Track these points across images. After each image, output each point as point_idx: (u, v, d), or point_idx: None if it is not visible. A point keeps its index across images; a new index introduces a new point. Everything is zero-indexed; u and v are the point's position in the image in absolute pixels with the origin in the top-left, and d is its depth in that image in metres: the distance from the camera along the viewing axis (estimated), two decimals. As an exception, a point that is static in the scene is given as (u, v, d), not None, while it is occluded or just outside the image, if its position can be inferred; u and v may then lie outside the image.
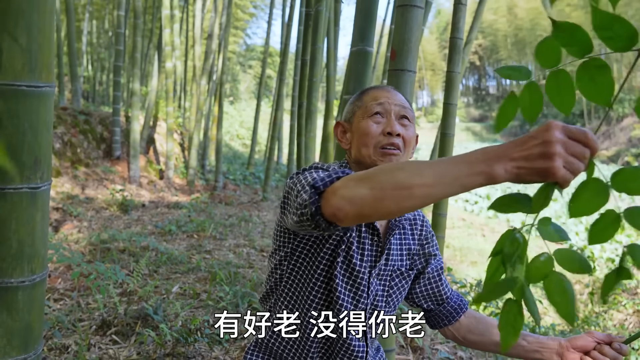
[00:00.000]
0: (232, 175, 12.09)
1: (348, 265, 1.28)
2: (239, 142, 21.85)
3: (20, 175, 1.07)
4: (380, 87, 1.35)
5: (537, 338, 1.34)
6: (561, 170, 0.71)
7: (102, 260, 4.00)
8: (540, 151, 0.73)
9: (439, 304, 1.47)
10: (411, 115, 1.32)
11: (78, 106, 8.99)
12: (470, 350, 3.09)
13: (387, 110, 1.29)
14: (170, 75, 9.84)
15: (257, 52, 36.19)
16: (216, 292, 3.53)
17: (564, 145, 0.72)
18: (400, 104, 1.30)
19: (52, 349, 2.50)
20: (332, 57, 5.52)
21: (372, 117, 1.29)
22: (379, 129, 1.27)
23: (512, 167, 0.76)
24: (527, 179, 0.76)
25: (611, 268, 4.92)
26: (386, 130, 1.26)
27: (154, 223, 5.85)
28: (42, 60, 1.10)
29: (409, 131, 1.30)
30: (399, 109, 1.30)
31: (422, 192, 0.84)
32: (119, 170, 8.36)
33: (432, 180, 0.83)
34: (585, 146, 0.73)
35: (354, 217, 0.94)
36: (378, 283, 1.35)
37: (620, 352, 1.22)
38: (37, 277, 1.13)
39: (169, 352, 2.51)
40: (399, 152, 1.27)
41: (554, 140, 0.73)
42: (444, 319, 1.47)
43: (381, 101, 1.30)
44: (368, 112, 1.30)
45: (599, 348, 1.24)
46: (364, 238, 1.30)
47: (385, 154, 1.26)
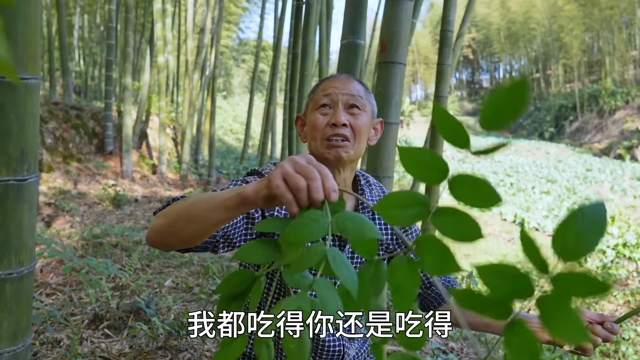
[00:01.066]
0: (225, 169, 12.07)
1: None
2: (232, 136, 21.80)
3: (6, 167, 1.07)
4: (332, 78, 1.33)
5: (528, 317, 1.34)
6: (280, 187, 0.72)
7: (95, 255, 3.99)
8: (269, 178, 0.76)
9: (427, 287, 1.47)
10: (362, 103, 1.29)
11: (70, 101, 8.94)
12: (461, 341, 3.12)
13: (335, 101, 1.27)
14: (163, 69, 9.80)
15: (251, 46, 36.08)
16: (208, 285, 3.54)
17: (283, 171, 0.74)
18: (349, 93, 1.28)
19: (44, 343, 2.50)
20: (325, 51, 5.51)
21: (319, 109, 1.28)
22: (325, 120, 1.27)
23: (255, 189, 0.80)
24: (267, 198, 0.79)
25: (602, 259, 4.96)
26: (331, 122, 1.25)
27: (147, 218, 5.85)
28: (29, 52, 1.09)
29: (359, 120, 1.28)
30: (347, 98, 1.28)
31: (199, 216, 0.92)
32: (112, 165, 8.33)
33: (206, 205, 0.91)
34: (313, 166, 0.74)
35: (156, 243, 1.03)
36: None
37: (611, 331, 1.23)
38: (25, 269, 1.13)
39: (162, 345, 2.52)
40: (347, 142, 1.26)
41: (277, 170, 0.75)
42: (434, 302, 1.47)
43: (328, 92, 1.28)
44: (316, 104, 1.29)
45: (591, 327, 1.24)
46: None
47: (331, 145, 1.25)
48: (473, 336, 3.37)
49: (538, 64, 47.73)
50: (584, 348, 1.24)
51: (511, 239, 11.71)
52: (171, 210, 1.00)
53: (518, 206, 15.12)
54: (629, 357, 5.25)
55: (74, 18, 15.11)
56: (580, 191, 17.86)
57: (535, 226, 12.82)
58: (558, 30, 41.39)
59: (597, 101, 35.55)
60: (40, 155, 6.92)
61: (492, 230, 12.37)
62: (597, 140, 32.87)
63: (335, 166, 1.28)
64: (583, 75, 40.43)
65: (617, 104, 33.79)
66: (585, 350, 1.24)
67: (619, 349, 5.54)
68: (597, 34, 39.35)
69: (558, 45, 42.96)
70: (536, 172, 22.70)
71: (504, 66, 56.66)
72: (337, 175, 1.30)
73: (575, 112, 36.93)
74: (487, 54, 57.01)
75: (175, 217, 0.97)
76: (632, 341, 5.63)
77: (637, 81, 35.51)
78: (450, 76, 3.43)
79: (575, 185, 19.13)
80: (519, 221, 13.27)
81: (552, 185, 19.17)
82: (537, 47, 46.46)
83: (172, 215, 0.98)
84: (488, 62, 60.30)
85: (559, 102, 39.46)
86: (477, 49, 57.37)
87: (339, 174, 1.30)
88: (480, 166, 24.50)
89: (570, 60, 41.53)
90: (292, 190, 0.71)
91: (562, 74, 44.04)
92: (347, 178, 1.32)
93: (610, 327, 1.24)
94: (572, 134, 35.70)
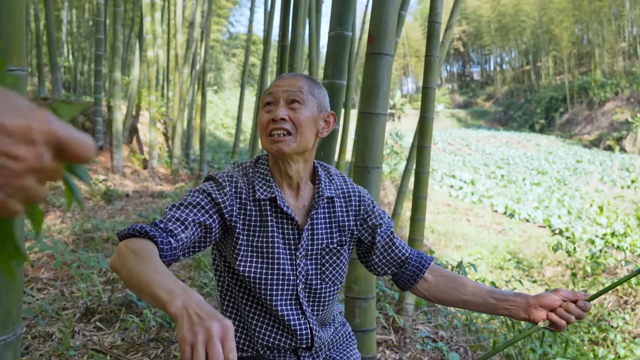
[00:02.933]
0: (217, 164, 12.06)
1: (266, 252, 1.36)
2: (223, 131, 21.74)
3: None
4: (278, 78, 1.41)
5: (505, 295, 1.40)
6: (186, 352, 0.85)
7: (86, 250, 3.99)
8: (182, 336, 0.87)
9: (401, 266, 1.51)
10: (302, 97, 1.35)
11: (59, 96, 8.89)
12: (450, 330, 3.16)
13: (277, 98, 1.34)
14: (152, 64, 9.75)
15: (241, 40, 35.95)
16: (200, 278, 3.55)
17: (193, 341, 0.86)
18: (289, 89, 1.35)
19: (36, 336, 2.51)
20: (315, 44, 5.52)
21: (264, 108, 1.36)
22: (267, 117, 1.33)
23: (177, 318, 0.91)
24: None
25: (591, 249, 5.03)
26: (270, 117, 1.32)
27: (138, 212, 5.84)
28: (14, 43, 1.10)
29: (299, 113, 1.33)
30: (288, 94, 1.34)
31: (138, 290, 1.04)
32: (102, 160, 8.30)
33: (142, 287, 1.02)
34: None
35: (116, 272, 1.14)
36: (308, 262, 1.41)
37: (584, 309, 1.29)
38: (14, 260, 1.14)
39: (153, 337, 2.53)
40: (289, 136, 1.32)
41: (188, 336, 0.87)
42: (410, 279, 1.51)
43: (271, 91, 1.36)
44: (263, 104, 1.37)
45: (565, 305, 1.30)
46: (279, 224, 1.38)
47: (273, 141, 1.32)
48: (463, 326, 3.41)
49: (528, 56, 47.88)
50: (557, 324, 1.29)
51: (502, 230, 11.80)
52: (123, 263, 1.10)
53: (509, 198, 15.22)
54: (618, 344, 5.32)
55: (62, 12, 14.99)
56: (570, 182, 18.00)
57: (526, 217, 12.92)
58: (548, 22, 41.53)
59: (586, 93, 35.75)
60: (29, 150, 6.88)
61: (483, 221, 12.46)
62: (587, 131, 33.09)
63: (282, 159, 1.36)
64: (573, 67, 40.63)
65: (606, 96, 34.00)
66: (558, 327, 1.29)
67: (608, 337, 5.62)
68: (587, 25, 39.53)
69: (548, 37, 43.12)
70: (527, 163, 22.84)
71: (494, 58, 56.79)
72: (289, 168, 1.37)
73: (566, 104, 37.11)
74: (478, 46, 57.12)
75: (125, 274, 1.08)
76: (620, 329, 5.71)
77: (626, 72, 35.74)
78: (439, 68, 3.45)
79: (566, 176, 19.28)
80: (509, 212, 13.37)
81: (543, 177, 19.30)
82: (528, 40, 46.59)
83: (123, 269, 1.09)
84: (479, 54, 60.42)
85: (549, 94, 39.65)
86: (467, 41, 57.44)
87: (290, 166, 1.37)
88: (472, 158, 24.60)
89: (560, 52, 41.71)
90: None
91: (552, 66, 44.22)
92: (300, 169, 1.39)
93: (582, 305, 1.29)
94: (563, 126, 35.91)
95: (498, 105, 47.67)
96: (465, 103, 53.05)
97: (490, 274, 7.85)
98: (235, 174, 1.37)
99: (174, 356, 2.36)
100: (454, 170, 19.84)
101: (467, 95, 55.32)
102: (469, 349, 2.89)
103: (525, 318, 1.35)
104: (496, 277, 7.63)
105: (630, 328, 5.73)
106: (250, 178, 1.38)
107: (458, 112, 48.40)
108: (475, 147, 28.80)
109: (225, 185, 1.33)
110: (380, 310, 3.09)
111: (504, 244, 10.30)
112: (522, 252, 9.54)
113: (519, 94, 46.06)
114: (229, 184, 1.34)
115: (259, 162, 1.42)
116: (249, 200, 1.35)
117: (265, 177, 1.38)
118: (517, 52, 51.05)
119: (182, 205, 1.27)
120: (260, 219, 1.36)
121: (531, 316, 1.33)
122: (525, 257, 9.19)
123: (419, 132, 3.25)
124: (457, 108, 50.92)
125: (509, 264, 8.61)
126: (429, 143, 3.21)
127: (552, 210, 13.24)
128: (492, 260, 8.77)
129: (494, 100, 50.08)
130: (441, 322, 3.25)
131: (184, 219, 1.23)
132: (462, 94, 56.55)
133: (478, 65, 61.96)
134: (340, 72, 2.39)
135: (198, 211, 1.27)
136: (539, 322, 1.32)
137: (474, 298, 1.43)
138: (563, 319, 1.28)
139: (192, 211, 1.26)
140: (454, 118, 46.15)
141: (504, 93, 49.34)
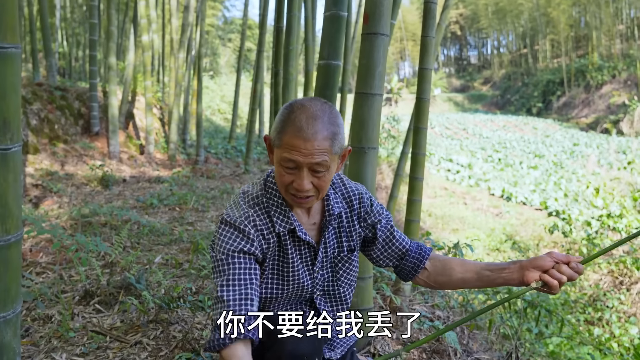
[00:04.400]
0: (213, 149, 12.05)
1: (287, 274, 1.46)
2: (220, 116, 21.69)
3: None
4: (300, 132, 1.28)
5: (499, 265, 1.44)
6: None
7: (84, 234, 4.00)
8: None
9: (402, 258, 1.58)
10: (326, 162, 1.31)
11: (54, 82, 8.82)
12: (447, 309, 3.19)
13: (300, 164, 1.31)
14: (148, 49, 9.68)
15: (237, 25, 35.69)
16: (198, 261, 3.56)
17: None
18: (312, 158, 1.29)
19: (36, 319, 2.52)
20: (310, 26, 5.49)
21: (284, 166, 1.33)
22: (289, 179, 1.33)
23: None
24: None
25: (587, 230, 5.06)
26: (294, 186, 1.33)
27: (136, 197, 5.85)
28: (6, 21, 1.10)
29: (324, 181, 1.34)
30: (311, 165, 1.30)
31: None
32: (99, 146, 8.28)
33: None
34: None
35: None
36: (324, 272, 1.52)
37: (576, 270, 1.32)
38: (12, 238, 1.15)
39: (152, 318, 2.55)
40: (312, 197, 1.37)
41: None
42: (411, 270, 1.57)
43: (293, 157, 1.29)
44: (282, 158, 1.32)
45: (557, 267, 1.33)
46: (298, 248, 1.46)
47: (294, 199, 1.37)
48: (460, 306, 3.45)
49: (526, 40, 47.66)
50: (549, 285, 1.31)
51: (499, 213, 11.85)
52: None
53: (506, 181, 15.25)
54: (613, 324, 5.38)
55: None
56: (567, 165, 18.04)
57: (523, 200, 12.97)
58: (545, 4, 41.28)
59: (584, 76, 35.65)
60: (25, 137, 6.86)
61: (480, 205, 12.50)
62: (584, 114, 33.07)
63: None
64: (570, 50, 40.47)
65: (603, 79, 33.92)
66: (550, 287, 1.31)
67: (603, 317, 5.68)
68: (585, 8, 39.30)
69: (545, 20, 42.87)
70: (524, 147, 22.86)
71: (491, 42, 56.55)
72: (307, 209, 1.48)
73: (563, 87, 37.04)
74: (475, 29, 56.82)
75: None
76: (615, 309, 5.78)
77: (623, 55, 35.64)
78: (435, 50, 3.44)
79: (563, 159, 19.31)
80: (506, 196, 13.41)
81: (540, 160, 19.33)
82: (525, 23, 46.35)
83: None
84: (476, 38, 60.11)
85: (546, 77, 39.54)
86: (464, 25, 57.13)
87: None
88: (469, 142, 24.61)
89: (558, 35, 41.51)
90: None
91: (549, 49, 44.04)
92: (316, 204, 1.49)
93: (575, 266, 1.32)
94: (560, 109, 35.87)
95: (495, 89, 47.55)
96: (463, 87, 52.91)
97: (487, 256, 7.90)
98: (251, 212, 1.40)
99: (173, 337, 2.38)
100: (451, 154, 19.86)
101: (464, 79, 55.16)
102: (466, 328, 2.92)
103: (520, 281, 1.38)
104: (493, 259, 7.69)
105: (625, 308, 5.79)
106: (265, 209, 1.42)
107: (455, 96, 48.27)
108: (472, 131, 28.79)
109: (247, 230, 1.37)
110: (378, 290, 3.12)
111: (500, 226, 10.35)
112: (518, 235, 9.59)
113: (516, 77, 45.93)
114: (251, 227, 1.37)
115: (269, 188, 1.44)
116: (269, 233, 1.41)
117: (280, 206, 1.42)
118: (515, 35, 50.82)
119: (233, 281, 1.32)
120: (280, 247, 1.44)
121: (524, 278, 1.37)
122: (522, 239, 9.24)
123: (415, 113, 3.25)
124: (454, 92, 50.78)
125: (505, 246, 8.66)
126: (426, 125, 3.21)
127: (549, 193, 13.28)
128: (489, 242, 8.82)
129: (491, 83, 49.95)
130: (438, 302, 3.28)
131: (247, 294, 1.31)
132: (459, 78, 56.38)
133: (475, 49, 61.71)
134: (336, 53, 2.38)
135: (247, 274, 1.34)
136: (532, 283, 1.35)
137: (471, 274, 1.47)
138: (555, 279, 1.31)
139: (246, 280, 1.33)
140: (451, 102, 46.05)
141: (501, 76, 49.20)
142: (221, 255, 1.35)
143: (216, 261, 1.36)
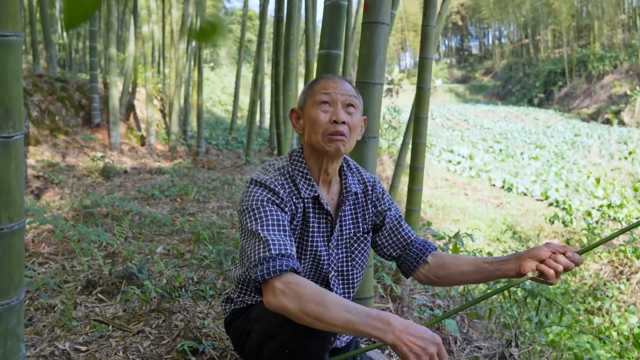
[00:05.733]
0: (214, 140, 12.05)
1: (306, 244, 1.50)
2: (221, 108, 21.66)
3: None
4: (329, 77, 1.49)
5: (497, 258, 1.47)
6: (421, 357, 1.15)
7: (85, 225, 4.01)
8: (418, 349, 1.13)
9: (405, 248, 1.62)
10: (356, 102, 1.47)
11: (54, 73, 8.81)
12: (447, 298, 3.20)
13: (334, 100, 1.43)
14: (148, 40, 9.66)
15: (237, 16, 35.51)
16: (200, 251, 3.58)
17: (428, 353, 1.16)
18: (346, 93, 1.45)
19: (39, 309, 2.54)
20: (311, 16, 5.47)
21: (320, 106, 1.44)
22: (326, 117, 1.43)
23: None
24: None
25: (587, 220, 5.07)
26: (332, 119, 1.42)
27: (137, 188, 5.86)
28: (8, 9, 1.10)
29: (354, 118, 1.46)
30: (345, 98, 1.44)
31: (330, 328, 1.17)
32: (99, 137, 8.28)
33: (341, 323, 1.15)
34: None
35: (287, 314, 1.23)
36: (339, 252, 1.56)
37: (572, 260, 1.33)
38: (15, 225, 1.16)
39: (154, 308, 2.57)
40: (345, 137, 1.43)
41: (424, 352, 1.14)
42: (413, 262, 1.60)
43: (328, 91, 1.44)
44: (317, 101, 1.44)
45: (554, 257, 1.34)
46: (318, 218, 1.51)
47: (332, 140, 1.42)
48: (460, 295, 3.46)
49: (527, 30, 47.42)
50: (546, 274, 1.32)
51: (500, 204, 11.85)
52: (306, 306, 1.18)
53: (507, 172, 15.25)
54: (613, 313, 5.40)
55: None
56: (568, 156, 18.02)
57: (524, 191, 12.97)
58: (547, -6, 41.03)
59: (585, 66, 35.50)
60: (26, 128, 6.86)
61: (481, 195, 12.50)
62: (585, 105, 32.98)
63: (332, 157, 1.47)
64: (572, 40, 40.29)
65: (605, 69, 33.79)
66: (547, 277, 1.32)
67: (603, 306, 5.70)
68: (586, -3, 39.05)
69: (547, 10, 42.64)
70: (525, 138, 22.83)
71: (493, 32, 56.28)
72: (331, 166, 1.50)
73: (564, 78, 36.89)
74: (476, 20, 56.55)
75: (307, 317, 1.18)
76: (615, 298, 5.79)
77: (625, 45, 35.49)
78: (436, 40, 3.43)
79: (564, 150, 19.29)
80: (507, 186, 13.41)
81: (541, 151, 19.31)
82: (526, 13, 46.10)
83: (306, 312, 1.18)
84: (477, 28, 59.83)
85: (547, 67, 39.39)
86: (466, 15, 56.86)
87: (332, 165, 1.51)
88: (470, 133, 24.57)
89: (559, 26, 41.32)
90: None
91: (551, 39, 43.84)
92: (336, 167, 1.54)
93: (571, 256, 1.33)
94: (561, 100, 35.77)
95: (496, 80, 47.39)
96: (464, 78, 52.74)
97: (487, 247, 7.92)
98: (280, 178, 1.46)
99: (175, 326, 2.40)
100: (452, 145, 19.84)
101: (466, 70, 54.97)
102: (466, 317, 2.94)
103: (518, 272, 1.40)
104: (493, 249, 7.70)
105: (625, 297, 5.81)
106: (291, 176, 1.49)
107: (456, 87, 48.14)
108: (473, 121, 28.73)
109: (278, 190, 1.42)
110: (379, 280, 3.13)
111: (501, 217, 10.36)
112: (519, 225, 9.61)
113: (518, 68, 45.76)
114: (280, 187, 1.43)
115: (294, 160, 1.52)
116: (296, 197, 1.47)
117: (306, 175, 1.49)
118: (516, 26, 50.58)
119: (269, 226, 1.34)
120: (304, 214, 1.49)
121: (521, 268, 1.38)
122: (523, 229, 9.26)
123: (415, 103, 3.25)
124: (455, 83, 50.63)
125: (505, 236, 8.68)
126: (426, 114, 3.21)
127: (550, 184, 13.28)
128: (490, 233, 8.83)
129: (492, 74, 49.78)
130: (438, 291, 3.30)
131: (284, 241, 1.32)
132: (461, 69, 56.19)
133: (476, 40, 61.43)
134: (337, 42, 2.37)
135: (282, 223, 1.37)
136: (528, 273, 1.37)
137: (470, 267, 1.50)
138: (551, 268, 1.32)
139: (281, 228, 1.35)
140: (452, 93, 45.93)
141: (503, 67, 49.02)
142: (255, 205, 1.38)
143: (249, 212, 1.38)
